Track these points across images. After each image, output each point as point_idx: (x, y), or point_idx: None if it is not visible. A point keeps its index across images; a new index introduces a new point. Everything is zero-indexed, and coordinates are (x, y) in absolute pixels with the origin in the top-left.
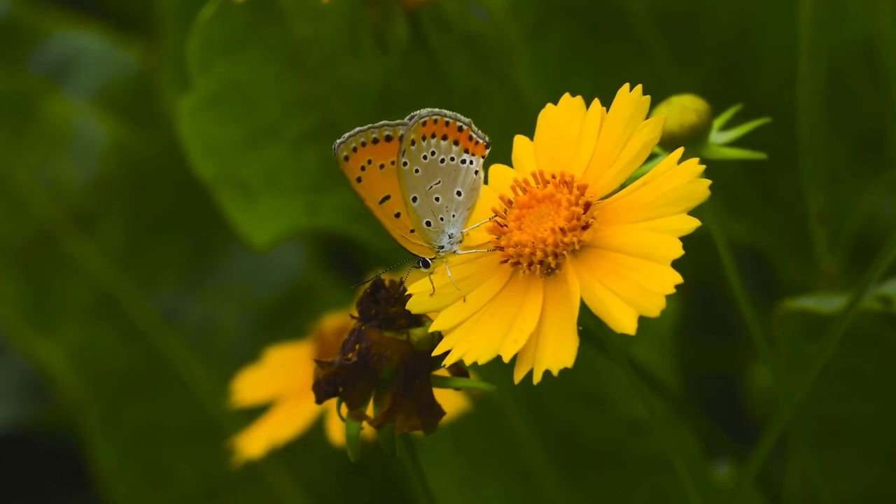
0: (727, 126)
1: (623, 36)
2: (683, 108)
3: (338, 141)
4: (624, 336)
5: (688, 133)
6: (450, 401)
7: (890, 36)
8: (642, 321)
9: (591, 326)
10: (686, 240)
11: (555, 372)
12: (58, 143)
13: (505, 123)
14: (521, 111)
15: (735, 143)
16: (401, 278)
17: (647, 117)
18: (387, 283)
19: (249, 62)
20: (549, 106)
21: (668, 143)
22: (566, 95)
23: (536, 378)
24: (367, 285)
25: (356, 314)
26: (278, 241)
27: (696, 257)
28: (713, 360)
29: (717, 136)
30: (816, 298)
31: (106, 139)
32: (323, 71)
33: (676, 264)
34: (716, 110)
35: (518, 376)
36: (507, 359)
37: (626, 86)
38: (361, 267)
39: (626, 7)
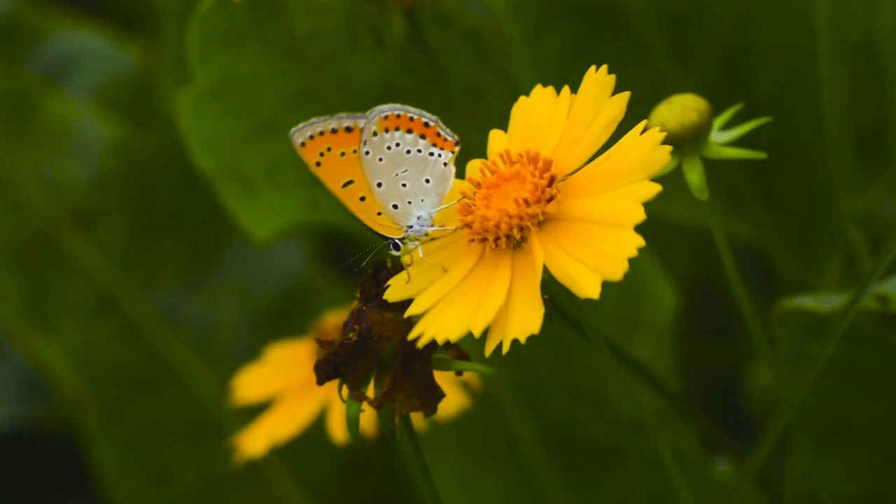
0: (728, 125)
1: (623, 35)
2: (684, 108)
3: (293, 129)
4: (617, 330)
5: (689, 132)
6: (451, 398)
7: (890, 36)
8: (642, 321)
9: (574, 313)
10: (686, 239)
11: (522, 340)
12: (58, 142)
13: (505, 119)
14: None
15: (736, 143)
16: (402, 261)
17: (638, 112)
18: (388, 265)
19: (249, 55)
20: (522, 98)
21: (669, 142)
22: (538, 86)
23: (506, 348)
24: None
25: (358, 295)
26: (279, 236)
27: (696, 257)
28: (713, 359)
29: (718, 136)
30: (816, 298)
31: (106, 138)
32: (323, 66)
33: (679, 265)
34: (716, 109)
35: (489, 348)
36: (477, 333)
37: (593, 67)
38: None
39: (626, 6)
